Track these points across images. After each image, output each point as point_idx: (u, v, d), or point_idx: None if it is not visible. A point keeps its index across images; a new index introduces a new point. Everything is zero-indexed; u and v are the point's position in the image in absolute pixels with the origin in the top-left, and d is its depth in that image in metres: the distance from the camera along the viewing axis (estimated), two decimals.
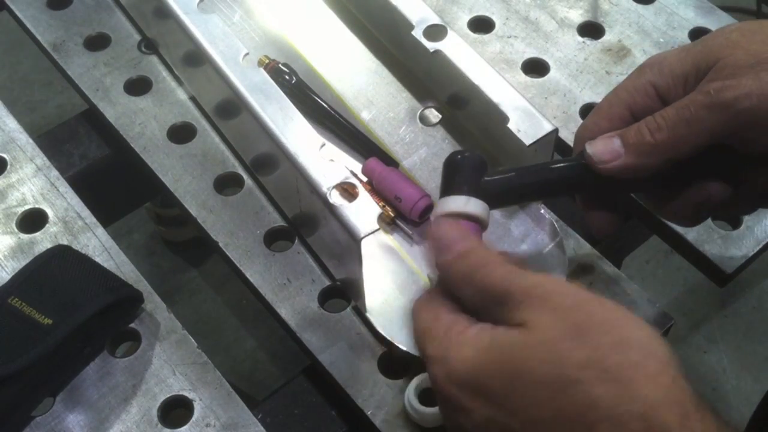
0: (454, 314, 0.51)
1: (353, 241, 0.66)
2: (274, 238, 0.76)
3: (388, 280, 0.72)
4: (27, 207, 0.77)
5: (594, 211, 0.64)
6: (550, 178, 0.61)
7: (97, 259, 0.73)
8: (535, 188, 0.61)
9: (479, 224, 0.58)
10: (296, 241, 0.76)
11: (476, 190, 0.58)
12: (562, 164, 0.61)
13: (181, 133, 0.83)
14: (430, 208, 0.75)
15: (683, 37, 0.88)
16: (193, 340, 0.70)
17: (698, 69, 0.57)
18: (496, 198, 0.59)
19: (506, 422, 0.45)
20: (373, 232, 0.66)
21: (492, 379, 0.46)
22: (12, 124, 0.83)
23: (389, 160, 0.79)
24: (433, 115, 0.84)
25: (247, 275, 0.74)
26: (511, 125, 0.71)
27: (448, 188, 0.58)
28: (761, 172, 0.58)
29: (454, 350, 0.49)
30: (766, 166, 0.58)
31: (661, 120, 0.55)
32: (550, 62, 0.87)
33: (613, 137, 0.58)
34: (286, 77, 0.82)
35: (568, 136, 0.81)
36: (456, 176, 0.58)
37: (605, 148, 0.57)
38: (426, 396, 0.65)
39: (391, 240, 0.75)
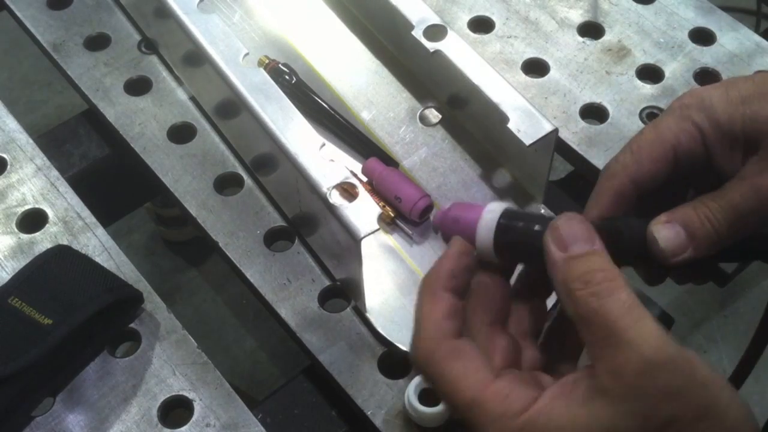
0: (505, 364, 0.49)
1: (353, 241, 0.66)
2: (274, 238, 0.76)
3: (388, 280, 0.72)
4: (27, 207, 0.77)
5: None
6: None
7: (97, 259, 0.73)
8: None
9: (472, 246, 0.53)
10: (296, 241, 0.76)
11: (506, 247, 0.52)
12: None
13: (181, 133, 0.83)
14: (430, 208, 0.75)
15: (683, 37, 0.88)
16: (193, 340, 0.70)
17: (747, 137, 0.55)
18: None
19: None
20: (373, 232, 0.66)
21: None
22: (12, 124, 0.83)
23: (389, 160, 0.79)
24: (433, 115, 0.84)
25: (247, 275, 0.74)
26: (511, 125, 0.71)
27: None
28: None
29: None
30: None
31: (720, 215, 0.55)
32: (550, 62, 0.87)
33: (677, 226, 0.55)
34: (286, 77, 0.82)
35: (568, 136, 0.81)
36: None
37: (673, 240, 0.55)
38: (425, 396, 0.65)
39: (391, 240, 0.75)
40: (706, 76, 0.85)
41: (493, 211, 0.51)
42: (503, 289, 0.53)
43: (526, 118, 0.71)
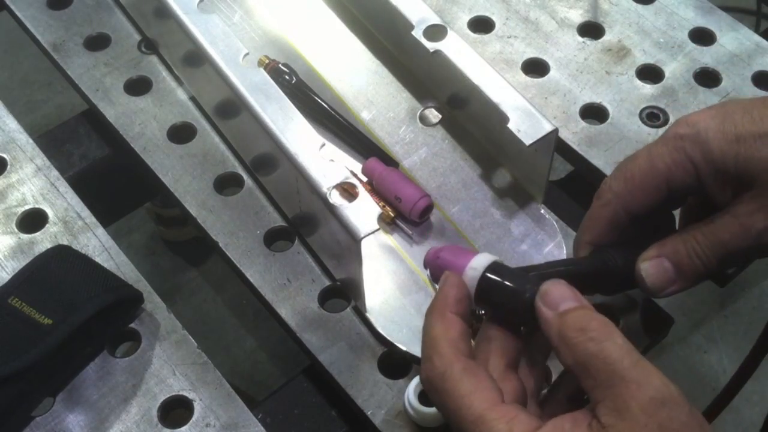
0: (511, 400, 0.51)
1: (353, 241, 0.66)
2: (274, 238, 0.76)
3: (388, 280, 0.72)
4: (27, 207, 0.77)
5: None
6: (575, 277, 0.57)
7: (97, 259, 0.73)
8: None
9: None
10: (296, 241, 0.76)
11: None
12: (583, 262, 0.61)
13: (181, 133, 0.83)
14: (430, 208, 0.75)
15: (683, 37, 0.88)
16: (193, 340, 0.70)
17: (740, 175, 0.56)
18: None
19: None
20: (373, 232, 0.66)
21: None
22: (12, 124, 0.83)
23: (389, 160, 0.79)
24: (433, 115, 0.84)
25: (247, 275, 0.74)
26: (511, 125, 0.71)
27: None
28: None
29: None
30: None
31: (707, 250, 0.57)
32: (550, 62, 0.87)
33: (664, 261, 0.59)
34: (286, 77, 0.82)
35: (568, 136, 0.81)
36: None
37: (660, 274, 0.59)
38: (425, 396, 0.65)
39: (391, 240, 0.75)
40: (706, 76, 0.85)
41: (475, 268, 0.54)
42: (517, 336, 0.55)
43: (526, 118, 0.71)
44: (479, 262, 0.54)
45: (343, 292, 0.73)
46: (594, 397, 0.48)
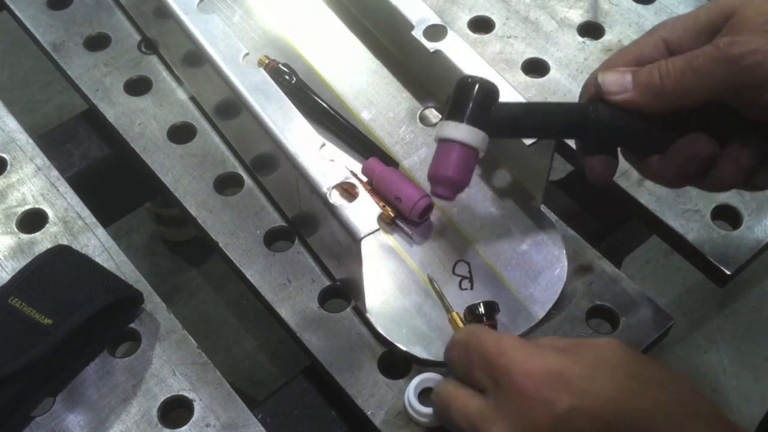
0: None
1: (353, 241, 0.66)
2: (274, 238, 0.76)
3: (388, 280, 0.72)
4: (27, 207, 0.77)
5: (592, 156, 0.64)
6: (556, 115, 0.62)
7: (97, 259, 0.73)
8: (539, 122, 0.63)
9: (475, 152, 0.61)
10: (296, 241, 0.76)
11: (479, 117, 0.61)
12: (568, 106, 0.63)
13: (181, 133, 0.83)
14: (430, 208, 0.75)
15: None
16: (193, 340, 0.70)
17: (713, 24, 0.57)
18: (498, 127, 0.62)
19: None
20: (373, 232, 0.66)
21: None
22: (12, 124, 0.83)
23: (389, 160, 0.79)
24: (433, 115, 0.84)
25: (247, 275, 0.74)
26: None
27: (453, 112, 0.61)
28: (750, 140, 0.59)
29: None
30: (755, 135, 0.58)
31: (671, 66, 0.57)
32: (550, 62, 0.87)
33: (626, 72, 0.59)
34: (286, 77, 0.82)
35: None
36: (462, 102, 0.61)
37: (616, 80, 0.59)
38: (425, 396, 0.65)
39: (391, 240, 0.75)
40: None
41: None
42: None
43: None
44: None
45: (343, 292, 0.73)
46: None
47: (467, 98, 0.61)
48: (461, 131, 0.61)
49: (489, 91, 0.61)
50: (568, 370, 0.50)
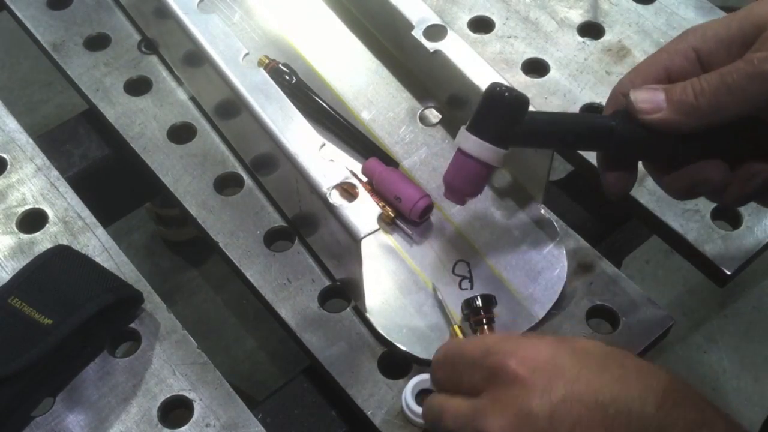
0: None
1: (353, 241, 0.66)
2: (274, 238, 0.76)
3: (388, 280, 0.72)
4: (27, 207, 0.77)
5: (611, 171, 0.63)
6: (579, 128, 0.61)
7: (97, 259, 0.73)
8: (561, 136, 0.62)
9: (492, 167, 0.62)
10: (296, 241, 0.76)
11: (502, 133, 0.60)
12: (592, 119, 0.62)
13: (181, 133, 0.83)
14: (430, 208, 0.75)
15: None
16: (193, 340, 0.70)
17: (744, 35, 0.57)
18: (521, 140, 0.61)
19: None
20: (373, 232, 0.66)
21: None
22: (12, 124, 0.83)
23: (389, 160, 0.79)
24: (433, 115, 0.84)
25: (247, 275, 0.74)
26: None
27: (477, 124, 0.61)
28: (761, 164, 0.58)
29: None
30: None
31: (705, 84, 0.56)
32: (550, 62, 0.87)
33: (658, 90, 0.58)
34: (286, 77, 0.82)
35: None
36: (488, 115, 0.61)
37: (648, 98, 0.58)
38: (423, 397, 0.65)
39: (391, 240, 0.75)
40: None
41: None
42: None
43: None
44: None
45: (343, 292, 0.73)
46: None
47: (495, 113, 0.60)
48: (482, 149, 0.61)
49: (518, 105, 0.60)
50: (559, 357, 0.50)
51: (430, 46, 0.77)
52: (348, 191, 0.68)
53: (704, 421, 0.48)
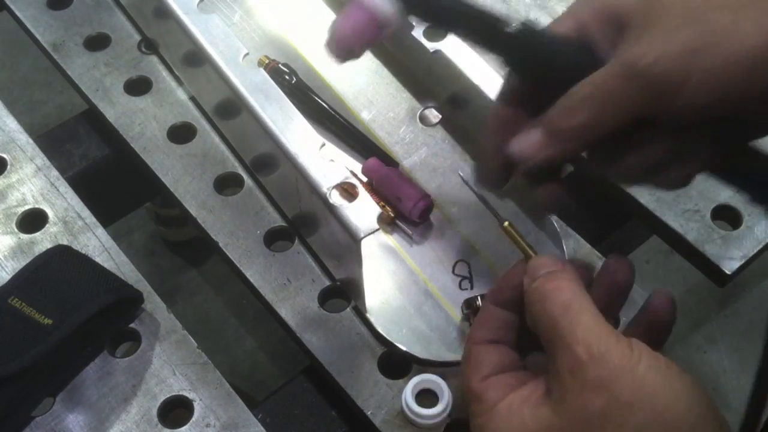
0: (494, 373, 0.53)
1: (353, 241, 0.66)
2: (274, 238, 0.76)
3: (388, 280, 0.72)
4: (27, 207, 0.77)
5: (541, 185, 0.59)
6: (478, 17, 0.56)
7: (97, 259, 0.73)
8: (457, 14, 0.56)
9: (380, 23, 0.56)
10: (296, 241, 0.76)
11: None
12: (494, 15, 0.56)
13: (181, 133, 0.83)
14: (430, 208, 0.75)
15: None
16: (193, 340, 0.70)
17: (620, 19, 0.52)
18: (415, 7, 0.57)
19: None
20: (373, 232, 0.66)
21: None
22: (12, 124, 0.83)
23: (389, 160, 0.79)
24: (433, 115, 0.84)
25: (247, 275, 0.74)
26: None
27: None
28: (661, 136, 0.53)
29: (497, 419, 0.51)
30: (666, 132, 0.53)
31: (577, 101, 0.51)
32: None
33: (535, 129, 0.53)
34: (286, 77, 0.82)
35: None
36: None
37: (529, 144, 0.53)
38: (423, 397, 0.65)
39: (391, 240, 0.75)
40: None
41: None
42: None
43: None
44: None
45: (343, 292, 0.73)
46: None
47: None
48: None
49: None
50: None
51: (430, 46, 0.77)
52: (348, 191, 0.68)
53: None
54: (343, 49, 0.57)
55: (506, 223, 0.61)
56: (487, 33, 0.56)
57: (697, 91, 0.48)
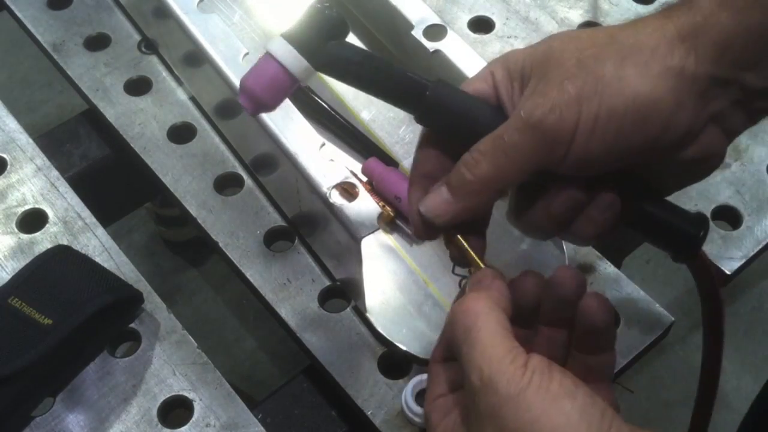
0: (441, 395, 0.52)
1: (353, 241, 0.66)
2: (274, 238, 0.76)
3: (388, 280, 0.72)
4: (27, 207, 0.77)
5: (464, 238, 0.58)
6: (391, 79, 0.57)
7: (97, 259, 0.73)
8: (371, 78, 0.57)
9: (293, 80, 0.57)
10: (296, 241, 0.76)
11: (313, 48, 0.57)
12: (408, 75, 0.56)
13: (181, 133, 0.83)
14: None
15: None
16: (193, 340, 0.70)
17: (524, 71, 0.53)
18: (329, 65, 0.57)
19: None
20: (373, 232, 0.66)
21: None
22: (12, 124, 0.83)
23: (389, 160, 0.79)
24: None
25: (247, 275, 0.74)
26: None
27: (292, 32, 0.57)
28: (564, 188, 0.53)
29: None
30: (569, 184, 0.53)
31: (477, 154, 0.52)
32: None
33: (441, 186, 0.54)
34: None
35: None
36: (304, 25, 0.57)
37: (436, 203, 0.54)
38: (423, 397, 0.65)
39: (391, 240, 0.75)
40: None
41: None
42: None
43: None
44: None
45: (343, 292, 0.73)
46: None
47: (311, 24, 0.57)
48: (287, 55, 0.56)
49: (336, 24, 0.57)
50: None
51: (430, 46, 0.77)
52: (348, 191, 0.68)
53: None
54: (256, 105, 0.58)
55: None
56: (399, 92, 0.57)
57: (588, 139, 0.49)
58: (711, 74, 0.50)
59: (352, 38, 0.89)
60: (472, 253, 0.57)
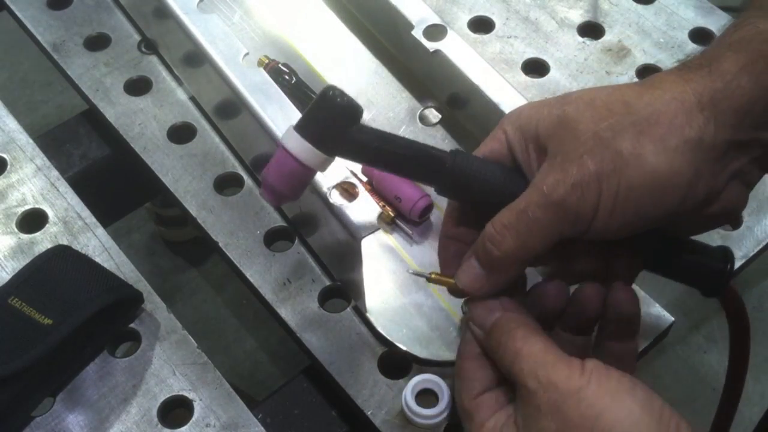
0: (483, 391, 0.54)
1: (353, 240, 0.66)
2: (274, 238, 0.76)
3: (388, 280, 0.72)
4: (27, 207, 0.77)
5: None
6: (409, 157, 0.57)
7: (97, 259, 0.73)
8: (390, 160, 0.58)
9: (312, 171, 0.58)
10: (296, 241, 0.76)
11: (328, 139, 0.56)
12: (427, 150, 0.57)
13: (181, 133, 0.83)
14: (430, 207, 0.75)
15: (683, 37, 0.88)
16: (193, 340, 0.70)
17: (540, 139, 0.54)
18: (347, 152, 0.58)
19: None
20: (373, 232, 0.66)
21: None
22: (12, 124, 0.83)
23: None
24: (433, 115, 0.84)
25: (247, 275, 0.74)
26: None
27: (305, 125, 0.57)
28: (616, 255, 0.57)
29: None
30: (617, 251, 0.57)
31: (502, 228, 0.53)
32: (550, 62, 0.87)
33: (471, 259, 0.55)
34: (286, 77, 0.82)
35: None
36: (317, 117, 0.57)
37: (471, 279, 0.55)
38: (423, 397, 0.65)
39: (391, 240, 0.75)
40: None
41: None
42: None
43: None
44: None
45: (343, 292, 0.73)
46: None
47: (324, 116, 0.56)
48: (306, 151, 0.56)
49: (349, 112, 0.56)
50: None
51: (430, 46, 0.77)
52: (348, 191, 0.68)
53: None
54: (278, 199, 0.59)
55: (432, 275, 0.60)
56: (419, 169, 0.58)
57: (609, 216, 0.51)
58: (730, 139, 0.51)
59: (352, 38, 0.89)
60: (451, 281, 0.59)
